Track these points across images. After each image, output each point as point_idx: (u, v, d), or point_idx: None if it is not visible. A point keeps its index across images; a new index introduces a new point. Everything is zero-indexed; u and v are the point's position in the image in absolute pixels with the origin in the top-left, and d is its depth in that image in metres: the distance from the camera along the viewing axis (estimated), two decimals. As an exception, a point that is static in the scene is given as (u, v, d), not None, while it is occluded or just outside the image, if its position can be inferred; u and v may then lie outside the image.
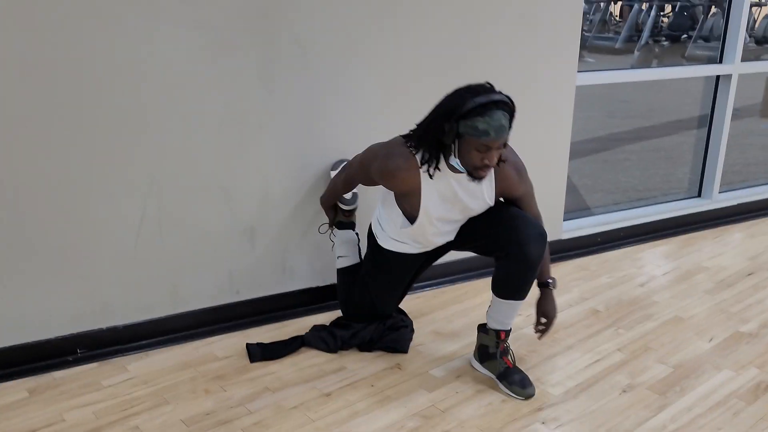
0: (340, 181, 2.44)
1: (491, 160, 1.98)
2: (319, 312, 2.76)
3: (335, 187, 2.49)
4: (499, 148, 1.98)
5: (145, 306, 2.46)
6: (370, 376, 2.31)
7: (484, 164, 1.99)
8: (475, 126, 1.92)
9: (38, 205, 2.20)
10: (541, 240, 2.15)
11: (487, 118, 1.90)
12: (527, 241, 2.13)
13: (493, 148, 1.96)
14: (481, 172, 2.02)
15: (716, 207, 3.94)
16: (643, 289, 3.05)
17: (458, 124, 1.94)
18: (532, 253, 2.14)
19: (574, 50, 3.10)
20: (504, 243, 2.16)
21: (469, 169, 2.03)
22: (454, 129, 1.95)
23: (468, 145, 1.96)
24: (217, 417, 2.07)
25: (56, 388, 2.21)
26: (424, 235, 2.27)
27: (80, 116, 2.19)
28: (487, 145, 1.94)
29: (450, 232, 2.31)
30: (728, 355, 2.48)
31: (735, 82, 3.75)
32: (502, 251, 2.18)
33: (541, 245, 2.15)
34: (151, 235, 2.41)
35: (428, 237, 2.28)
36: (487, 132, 1.91)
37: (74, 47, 2.13)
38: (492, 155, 1.98)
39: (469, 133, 1.93)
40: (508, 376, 2.23)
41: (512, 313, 2.25)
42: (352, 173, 2.36)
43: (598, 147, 5.45)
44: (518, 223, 2.16)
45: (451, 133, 1.96)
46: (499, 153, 2.00)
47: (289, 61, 2.48)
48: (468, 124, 1.92)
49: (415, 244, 2.33)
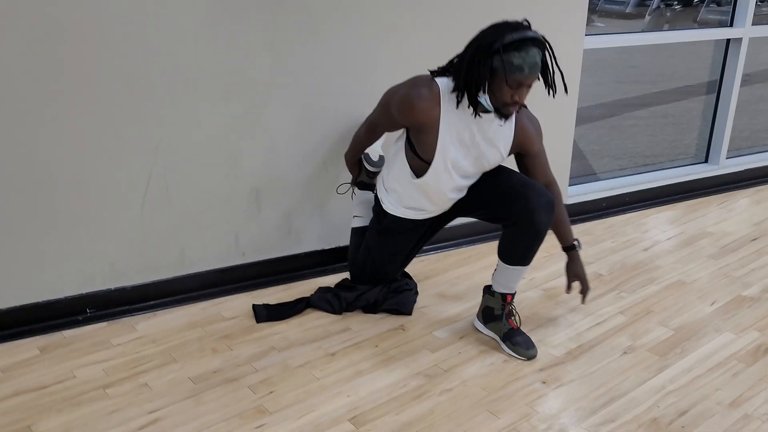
0: (363, 131, 2.42)
1: (521, 97, 2.00)
2: (325, 274, 2.80)
3: (358, 139, 2.46)
4: (530, 86, 2.00)
5: (153, 267, 2.50)
6: (375, 336, 2.35)
7: (514, 101, 2.00)
8: (510, 61, 1.92)
9: (47, 168, 2.22)
10: (550, 208, 2.16)
11: (523, 53, 1.91)
12: (535, 210, 2.14)
13: (525, 85, 1.97)
14: (509, 108, 2.03)
15: (723, 173, 3.93)
16: (647, 253, 3.06)
17: (493, 58, 1.94)
18: (540, 221, 2.15)
19: (582, 13, 3.07)
20: (512, 211, 2.17)
21: (498, 105, 2.03)
22: (489, 63, 1.95)
23: (500, 80, 1.96)
24: (224, 375, 2.11)
25: (67, 347, 2.25)
26: (437, 185, 2.24)
27: (88, 80, 2.20)
28: (519, 81, 1.95)
29: (459, 190, 2.29)
30: (730, 318, 2.50)
31: (745, 46, 3.71)
32: (510, 219, 2.19)
33: (549, 213, 2.16)
34: (158, 198, 2.43)
35: (439, 188, 2.25)
36: (521, 68, 1.92)
37: (80, 10, 2.12)
38: (523, 93, 1.99)
39: (504, 68, 1.93)
40: (511, 337, 2.26)
41: (518, 278, 2.28)
42: (373, 118, 2.34)
43: (606, 113, 5.43)
44: (527, 191, 2.16)
45: (486, 67, 1.96)
46: (528, 91, 2.01)
47: (297, 26, 2.47)
48: (503, 59, 1.92)
49: (422, 202, 2.32)
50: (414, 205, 2.35)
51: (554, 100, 3.14)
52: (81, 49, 2.16)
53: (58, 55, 2.13)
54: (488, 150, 2.19)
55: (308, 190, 2.71)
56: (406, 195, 2.33)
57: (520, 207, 2.15)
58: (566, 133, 3.25)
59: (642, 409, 1.98)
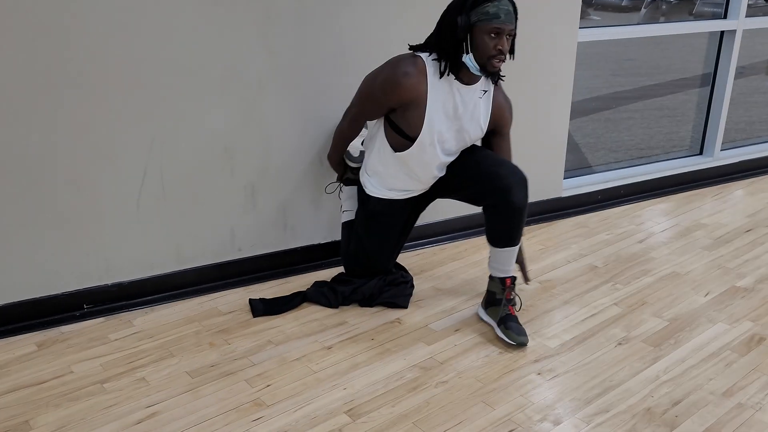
0: (345, 125, 2.43)
1: (504, 46, 2.08)
2: (321, 269, 2.81)
3: (342, 134, 2.47)
4: (509, 36, 2.09)
5: (150, 263, 2.51)
6: (371, 330, 2.36)
7: (498, 50, 2.08)
8: (485, 11, 2.04)
9: (42, 165, 2.23)
10: (522, 185, 2.21)
11: (495, 2, 2.04)
12: (510, 188, 2.19)
13: (504, 32, 2.06)
14: (495, 60, 2.10)
15: (718, 164, 3.94)
16: (641, 245, 3.08)
17: (469, 15, 2.06)
18: (516, 200, 2.19)
19: (576, 5, 3.07)
20: (488, 192, 2.21)
21: (483, 60, 2.10)
22: (466, 20, 2.06)
23: (480, 33, 2.06)
24: (221, 369, 2.12)
25: (64, 342, 2.26)
26: (421, 157, 2.27)
27: (82, 77, 2.20)
28: (498, 28, 2.05)
29: (440, 167, 2.33)
30: (723, 309, 2.52)
31: (739, 37, 3.72)
32: (487, 200, 2.23)
33: (523, 190, 2.21)
34: (154, 193, 2.44)
35: (425, 161, 2.28)
36: (497, 14, 2.04)
37: (73, 7, 2.13)
38: (503, 41, 2.08)
39: (481, 19, 2.05)
40: (506, 322, 2.29)
41: (510, 260, 2.31)
42: (357, 110, 2.35)
43: (601, 105, 5.44)
44: (499, 170, 2.21)
45: (464, 25, 2.06)
46: (509, 42, 2.10)
47: (290, 19, 2.47)
48: (479, 11, 2.05)
49: (405, 181, 2.35)
50: (397, 185, 2.38)
51: (548, 94, 3.15)
52: (74, 46, 2.17)
53: (51, 53, 2.14)
54: (469, 124, 2.25)
55: (303, 184, 2.72)
56: (389, 175, 2.36)
57: (495, 186, 2.20)
58: (561, 126, 3.27)
59: (636, 400, 2.00)
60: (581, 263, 2.89)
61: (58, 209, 2.29)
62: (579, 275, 2.78)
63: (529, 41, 3.01)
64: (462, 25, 2.07)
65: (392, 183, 2.38)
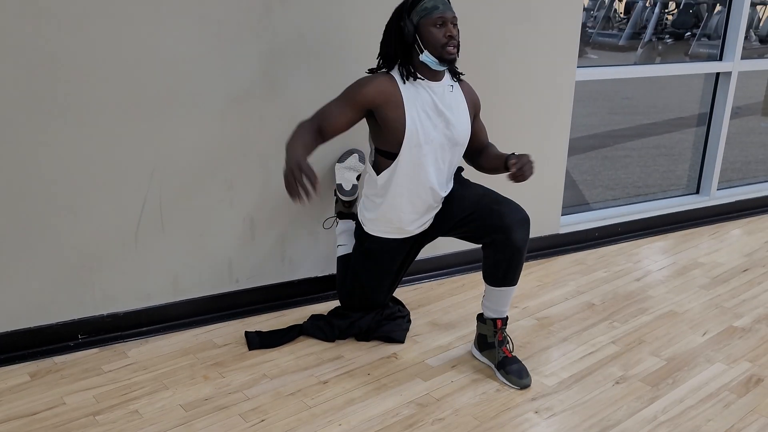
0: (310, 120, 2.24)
1: (452, 32, 2.17)
2: (318, 302, 2.80)
3: (301, 123, 2.24)
4: (454, 23, 2.19)
5: (146, 293, 2.50)
6: (367, 364, 2.34)
7: (448, 37, 2.17)
8: (424, 7, 2.17)
9: (41, 193, 2.23)
10: (525, 224, 2.20)
11: None
12: (511, 227, 2.17)
13: (448, 19, 2.17)
14: (449, 48, 2.18)
15: (714, 204, 3.96)
16: (639, 283, 3.07)
17: (410, 15, 2.18)
18: (517, 239, 2.18)
19: (574, 45, 3.12)
20: (489, 230, 2.20)
21: (438, 51, 2.18)
22: (411, 22, 2.18)
23: (426, 27, 2.17)
24: (215, 402, 2.10)
25: (57, 373, 2.24)
26: (415, 160, 2.24)
27: (84, 105, 2.22)
28: (441, 17, 2.16)
29: (433, 189, 2.30)
30: (721, 348, 2.51)
31: (735, 79, 3.77)
32: (488, 238, 2.22)
33: (525, 230, 2.20)
34: (153, 223, 2.44)
35: (420, 163, 2.25)
36: (435, 6, 2.16)
37: (77, 36, 2.15)
38: (450, 28, 2.17)
39: (423, 15, 2.16)
40: (505, 365, 2.27)
41: (505, 300, 2.29)
42: (325, 105, 2.27)
43: (599, 143, 5.48)
44: (501, 209, 2.20)
45: (409, 26, 2.18)
46: (455, 29, 2.19)
47: (292, 54, 2.50)
48: (418, 10, 2.17)
49: (403, 205, 2.31)
50: (392, 218, 2.34)
51: (547, 131, 3.18)
52: (76, 76, 2.19)
53: (53, 82, 2.16)
54: (452, 114, 2.27)
55: (302, 217, 2.72)
56: (385, 206, 2.33)
57: (497, 225, 2.19)
58: (559, 163, 3.29)
59: (634, 440, 1.98)
60: (579, 300, 2.89)
61: (56, 238, 2.29)
62: (576, 312, 2.77)
63: (528, 78, 3.05)
64: (408, 27, 2.18)
65: (388, 215, 2.35)
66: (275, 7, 2.43)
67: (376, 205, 2.37)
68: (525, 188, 3.19)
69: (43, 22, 2.09)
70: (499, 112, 3.00)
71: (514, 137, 3.08)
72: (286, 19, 2.46)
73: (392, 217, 2.36)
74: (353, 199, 2.68)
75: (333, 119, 2.23)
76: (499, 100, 2.97)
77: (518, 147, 3.11)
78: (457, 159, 2.36)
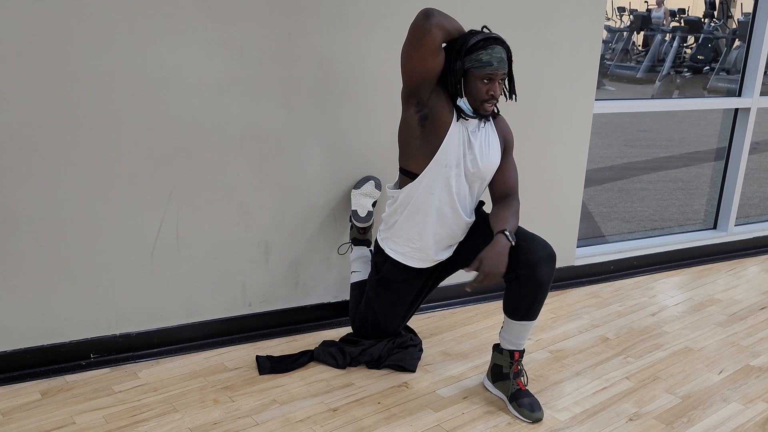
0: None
1: (496, 91, 2.16)
2: (330, 328, 2.79)
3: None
4: (501, 82, 2.18)
5: (159, 315, 2.50)
6: (377, 393, 2.33)
7: (490, 95, 2.16)
8: (479, 58, 2.13)
9: (58, 213, 2.25)
10: (551, 260, 2.17)
11: (489, 50, 2.13)
12: (537, 263, 2.15)
13: (496, 78, 2.15)
14: (487, 105, 2.18)
15: (732, 240, 3.92)
16: (654, 318, 3.04)
17: (464, 60, 2.14)
18: (542, 274, 2.15)
19: (593, 78, 3.13)
20: (514, 265, 2.18)
21: (476, 104, 2.18)
22: (461, 66, 2.14)
23: (473, 78, 2.15)
24: (224, 427, 2.09)
25: (68, 392, 2.24)
26: (442, 180, 2.23)
27: (105, 127, 2.25)
28: (490, 75, 2.13)
29: (462, 197, 2.28)
30: (738, 388, 2.47)
31: (753, 115, 3.75)
32: (512, 273, 2.20)
33: (551, 266, 2.17)
34: (168, 245, 2.45)
35: (446, 183, 2.24)
36: (490, 62, 2.13)
37: (102, 59, 2.19)
38: (495, 87, 2.16)
39: (474, 66, 2.13)
40: (518, 398, 2.24)
41: (524, 334, 2.27)
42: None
43: (615, 175, 5.47)
44: (528, 245, 2.18)
45: (458, 69, 2.15)
46: (500, 87, 2.18)
47: (312, 80, 2.53)
48: (472, 58, 2.13)
49: (420, 230, 2.30)
50: (415, 230, 2.32)
51: (563, 163, 3.17)
52: (98, 94, 2.22)
53: (76, 103, 2.19)
54: (482, 149, 2.27)
55: (316, 243, 2.72)
56: (408, 220, 2.31)
57: (522, 260, 2.16)
58: (575, 194, 3.28)
59: (647, 479, 1.94)
60: (593, 334, 2.86)
61: (71, 256, 2.31)
62: (590, 346, 2.74)
63: (546, 110, 3.05)
64: (457, 69, 2.15)
65: (409, 232, 2.33)
66: (296, 34, 2.46)
67: (394, 222, 2.37)
68: (541, 219, 3.18)
69: (70, 44, 2.13)
70: (517, 143, 3.00)
71: (531, 167, 3.08)
72: (306, 46, 2.49)
73: (413, 234, 2.33)
74: (368, 225, 2.68)
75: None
76: (516, 131, 2.97)
77: (535, 177, 3.11)
78: (480, 191, 2.35)
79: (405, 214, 2.33)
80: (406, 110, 2.25)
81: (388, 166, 2.75)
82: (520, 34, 2.88)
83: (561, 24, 2.96)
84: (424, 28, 2.08)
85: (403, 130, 2.28)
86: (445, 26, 2.11)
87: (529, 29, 2.89)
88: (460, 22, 2.19)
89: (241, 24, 2.36)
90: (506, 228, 2.20)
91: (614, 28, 13.58)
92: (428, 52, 2.11)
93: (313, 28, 2.48)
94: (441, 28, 2.09)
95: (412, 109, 2.23)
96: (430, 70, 2.15)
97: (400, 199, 2.32)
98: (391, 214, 2.38)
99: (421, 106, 2.20)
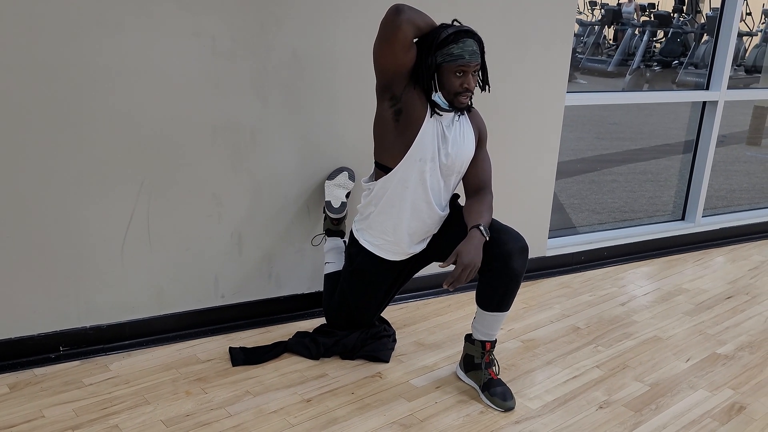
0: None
1: (470, 84, 2.17)
2: (303, 319, 2.78)
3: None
4: (474, 74, 2.17)
5: (130, 306, 2.48)
6: (351, 383, 2.33)
7: (464, 88, 2.16)
8: (450, 52, 2.13)
9: (26, 204, 2.22)
10: (524, 253, 2.20)
11: (461, 43, 2.12)
12: (510, 256, 2.17)
13: (469, 70, 2.15)
14: (461, 97, 2.18)
15: (699, 230, 3.99)
16: (623, 308, 3.09)
17: (435, 55, 2.14)
18: (515, 267, 2.18)
19: (565, 70, 3.15)
20: (488, 258, 2.20)
21: (450, 97, 2.18)
22: (433, 60, 2.14)
23: (446, 72, 2.15)
24: (197, 419, 2.08)
25: (37, 385, 2.21)
26: (416, 174, 2.24)
27: (75, 118, 2.21)
28: (462, 68, 2.13)
29: (436, 191, 2.29)
30: (704, 375, 2.52)
31: (721, 108, 3.82)
32: (486, 265, 2.21)
33: (524, 258, 2.20)
34: (139, 237, 2.43)
35: (420, 177, 2.25)
36: (462, 55, 2.12)
37: (70, 48, 2.15)
38: (469, 79, 2.16)
39: (446, 60, 2.13)
40: (490, 387, 2.26)
41: (497, 325, 2.29)
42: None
43: (586, 168, 5.53)
44: (502, 237, 2.20)
45: (431, 64, 2.14)
46: (474, 79, 2.18)
47: (284, 71, 2.52)
48: (444, 52, 2.13)
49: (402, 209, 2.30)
50: (389, 223, 2.33)
51: (535, 155, 3.20)
52: (68, 84, 2.18)
53: (42, 94, 2.15)
54: (456, 143, 2.26)
55: (290, 234, 2.72)
56: (383, 212, 2.32)
57: (496, 252, 2.18)
58: (547, 186, 3.31)
59: (616, 465, 1.98)
60: (564, 324, 2.89)
61: (39, 248, 2.27)
62: (561, 336, 2.78)
63: (519, 103, 3.07)
64: (430, 64, 2.15)
65: (384, 224, 2.34)
66: (270, 25, 2.44)
67: (369, 213, 2.37)
68: (513, 210, 3.20)
69: (38, 32, 2.09)
70: (489, 135, 3.02)
71: (503, 159, 3.10)
72: (280, 37, 2.47)
73: (387, 227, 2.34)
74: (342, 216, 2.68)
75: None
76: (489, 123, 2.99)
77: (508, 169, 3.13)
78: (455, 185, 2.36)
79: (380, 207, 2.33)
80: (381, 104, 2.25)
81: (362, 158, 2.75)
82: (493, 28, 2.89)
83: (533, 17, 2.98)
84: (394, 24, 2.07)
85: (378, 124, 2.28)
86: (415, 21, 2.10)
87: (501, 22, 2.91)
88: (432, 17, 2.19)
89: (212, 13, 2.34)
90: (480, 222, 2.21)
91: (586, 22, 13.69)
92: (399, 48, 2.11)
93: (286, 18, 2.46)
94: (411, 23, 2.08)
95: (386, 104, 2.23)
96: (402, 66, 2.15)
97: (375, 191, 2.33)
98: (366, 206, 2.38)
99: (395, 101, 2.20)
